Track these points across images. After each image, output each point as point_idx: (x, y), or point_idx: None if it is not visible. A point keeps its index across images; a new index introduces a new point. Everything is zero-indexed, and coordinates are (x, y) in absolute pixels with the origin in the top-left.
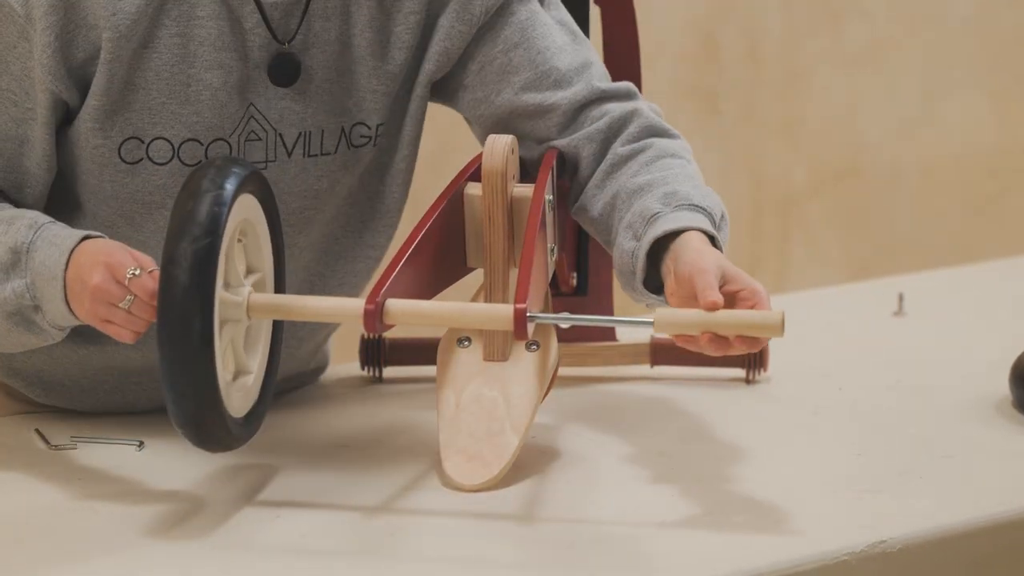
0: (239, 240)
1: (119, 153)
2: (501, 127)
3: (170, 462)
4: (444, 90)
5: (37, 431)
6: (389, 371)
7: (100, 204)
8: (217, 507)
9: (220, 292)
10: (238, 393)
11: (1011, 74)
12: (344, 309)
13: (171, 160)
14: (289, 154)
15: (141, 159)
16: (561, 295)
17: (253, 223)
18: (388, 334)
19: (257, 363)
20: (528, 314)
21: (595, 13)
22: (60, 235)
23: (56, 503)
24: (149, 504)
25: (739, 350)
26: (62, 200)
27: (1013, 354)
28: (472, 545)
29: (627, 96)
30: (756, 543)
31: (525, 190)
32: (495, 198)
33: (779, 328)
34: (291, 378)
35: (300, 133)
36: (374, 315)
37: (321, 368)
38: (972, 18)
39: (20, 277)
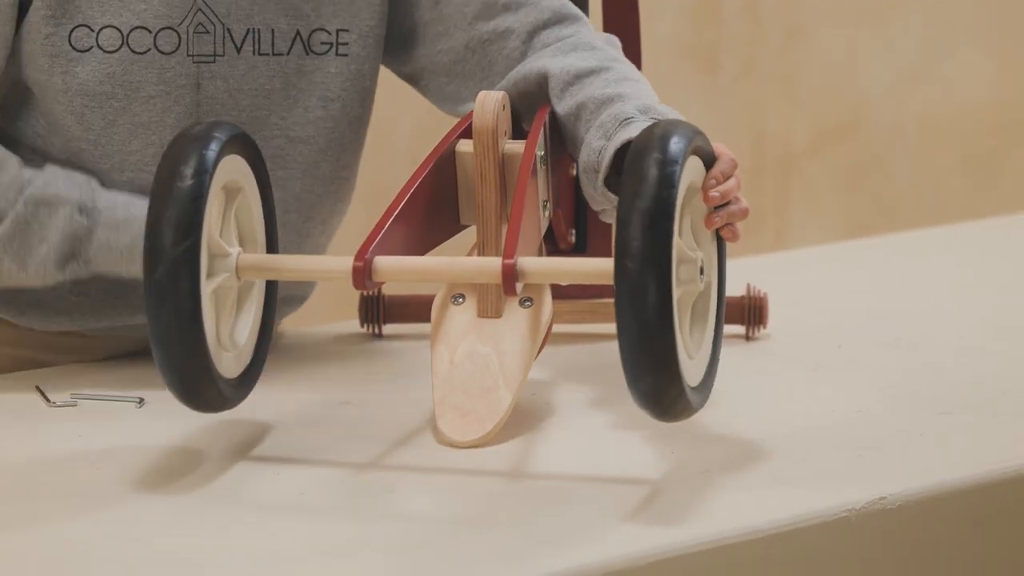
0: (220, 189)
1: (69, 40)
2: (470, 60)
3: (170, 419)
4: (401, 35)
5: (37, 388)
6: (389, 328)
7: (51, 101)
8: (216, 463)
9: (207, 255)
10: (230, 355)
11: (1011, 30)
12: (333, 267)
13: (120, 48)
14: (238, 50)
15: (91, 47)
16: (560, 252)
17: (238, 179)
18: (387, 291)
19: (250, 324)
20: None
21: None
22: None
23: (56, 459)
24: (148, 460)
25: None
26: (13, 101)
27: (1010, 310)
28: (465, 501)
29: (579, 19)
30: (755, 500)
31: (516, 146)
32: (486, 155)
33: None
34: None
35: (248, 30)
36: (363, 272)
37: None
38: None
39: (79, 265)
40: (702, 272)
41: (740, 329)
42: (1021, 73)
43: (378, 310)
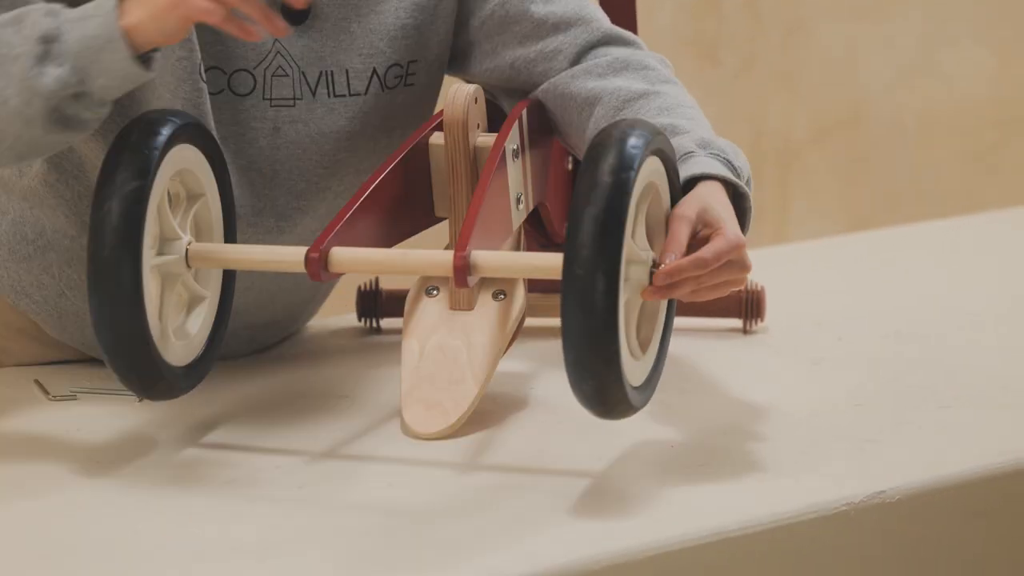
0: (174, 178)
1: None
2: (516, 79)
3: (168, 412)
4: (455, 55)
5: (36, 382)
6: (386, 322)
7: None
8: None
9: (157, 232)
10: (179, 343)
11: (1011, 23)
12: (287, 257)
13: (196, 85)
14: (313, 93)
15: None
16: (555, 247)
17: (190, 167)
18: (385, 285)
19: (203, 314)
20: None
21: None
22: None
23: (54, 452)
24: (144, 453)
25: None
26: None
27: (1010, 304)
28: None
29: (632, 43)
30: (754, 493)
31: (489, 139)
32: (457, 147)
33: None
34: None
35: (321, 72)
36: (318, 263)
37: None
38: None
39: (57, 66)
40: (656, 265)
41: (737, 322)
42: (1021, 68)
43: (375, 304)
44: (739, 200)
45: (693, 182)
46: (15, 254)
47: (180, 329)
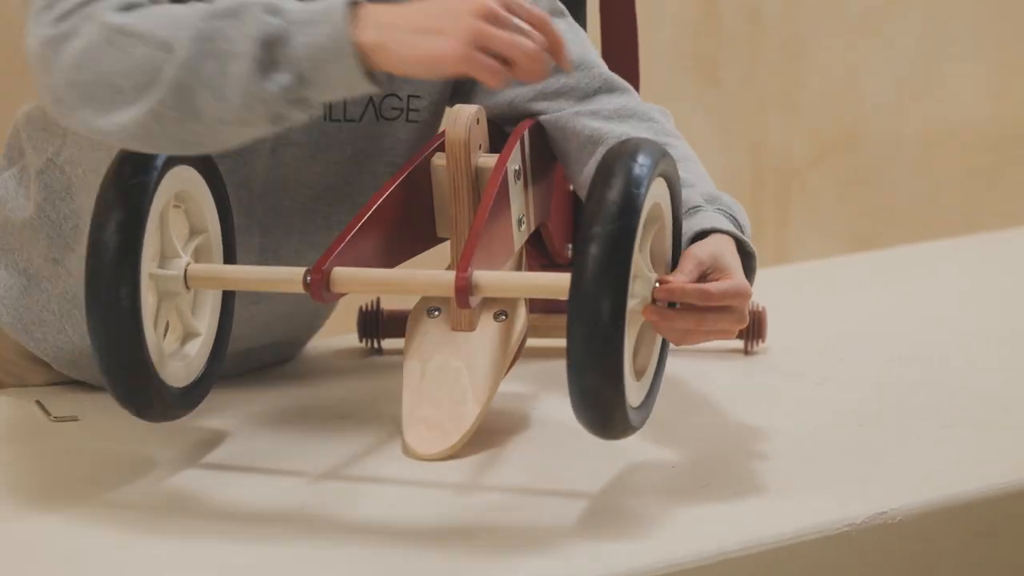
0: (176, 206)
1: None
2: (512, 115)
3: (171, 432)
4: (458, 89)
5: (38, 402)
6: (388, 343)
7: None
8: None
9: (150, 264)
10: (178, 364)
11: (1011, 43)
12: (287, 277)
13: None
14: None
15: None
16: (556, 267)
17: (191, 192)
18: (386, 305)
19: (203, 335)
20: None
21: None
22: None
23: (56, 471)
24: (144, 474)
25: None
26: None
27: (1012, 324)
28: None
29: (630, 91)
30: (755, 514)
31: (490, 160)
32: (459, 168)
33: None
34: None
35: None
36: (320, 284)
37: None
38: None
39: (283, 72)
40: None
41: (739, 343)
42: (1021, 86)
43: (377, 324)
44: (745, 259)
45: (704, 234)
46: (11, 289)
47: (179, 351)
